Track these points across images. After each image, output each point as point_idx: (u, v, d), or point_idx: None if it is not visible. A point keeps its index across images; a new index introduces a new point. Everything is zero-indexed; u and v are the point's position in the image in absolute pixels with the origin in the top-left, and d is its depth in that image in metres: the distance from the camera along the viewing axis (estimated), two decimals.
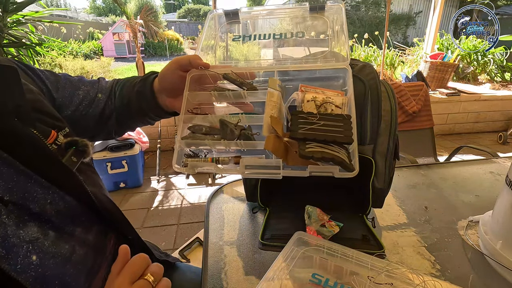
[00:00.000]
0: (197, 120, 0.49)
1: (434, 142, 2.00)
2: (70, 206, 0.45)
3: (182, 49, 12.35)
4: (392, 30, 12.36)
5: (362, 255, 0.50)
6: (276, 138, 0.43)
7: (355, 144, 0.41)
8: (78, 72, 3.56)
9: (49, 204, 0.42)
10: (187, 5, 26.93)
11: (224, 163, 0.49)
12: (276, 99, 0.47)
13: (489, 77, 4.82)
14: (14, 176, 0.40)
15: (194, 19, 22.65)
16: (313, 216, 0.67)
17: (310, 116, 0.44)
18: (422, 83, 2.07)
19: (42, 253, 0.38)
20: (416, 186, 0.97)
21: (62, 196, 0.44)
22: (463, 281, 0.58)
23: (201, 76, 0.53)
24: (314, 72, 0.55)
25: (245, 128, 0.49)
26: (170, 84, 0.57)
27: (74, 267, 0.42)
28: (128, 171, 2.49)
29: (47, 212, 0.41)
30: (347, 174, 0.37)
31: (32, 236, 0.38)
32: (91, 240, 0.47)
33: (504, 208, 0.60)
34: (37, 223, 0.40)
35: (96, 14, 22.94)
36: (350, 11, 12.73)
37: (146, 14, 3.97)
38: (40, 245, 0.39)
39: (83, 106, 0.63)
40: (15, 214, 0.38)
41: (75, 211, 0.46)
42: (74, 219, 0.46)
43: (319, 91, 0.50)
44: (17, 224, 0.37)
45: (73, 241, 0.44)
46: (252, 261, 0.64)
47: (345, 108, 0.47)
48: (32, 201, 0.40)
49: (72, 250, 0.43)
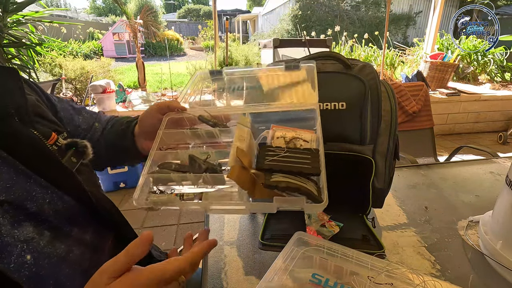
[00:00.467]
0: (167, 158, 0.48)
1: (434, 142, 2.00)
2: (68, 206, 0.45)
3: (182, 49, 12.34)
4: (392, 30, 12.36)
5: (362, 255, 0.50)
6: (241, 169, 0.42)
7: (324, 176, 0.40)
8: (78, 72, 3.55)
9: (47, 204, 0.42)
10: (187, 5, 26.94)
11: (189, 198, 0.47)
12: (246, 134, 0.48)
13: (489, 77, 4.82)
14: (13, 176, 0.40)
15: (194, 19, 22.65)
16: (313, 216, 0.67)
17: (277, 149, 0.45)
18: (422, 83, 2.07)
19: (37, 252, 0.39)
20: (416, 186, 0.97)
21: (61, 196, 0.45)
22: (463, 281, 0.58)
23: (179, 119, 0.55)
24: (287, 114, 0.56)
25: (215, 164, 0.48)
26: (149, 126, 0.59)
27: (69, 267, 0.42)
28: (128, 171, 2.49)
29: (44, 212, 0.42)
30: (316, 206, 0.36)
31: (27, 235, 0.38)
32: (88, 240, 0.47)
33: (504, 208, 0.60)
34: (33, 222, 0.40)
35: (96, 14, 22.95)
36: (350, 11, 12.73)
37: (146, 14, 3.96)
38: (35, 245, 0.39)
39: (82, 129, 0.67)
40: (10, 214, 0.38)
41: (73, 211, 0.46)
42: (72, 219, 0.46)
43: (290, 130, 0.51)
44: (12, 224, 0.37)
45: (70, 241, 0.44)
46: (252, 261, 0.64)
47: (313, 143, 0.47)
48: (30, 201, 0.40)
49: (68, 250, 0.43)
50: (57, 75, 3.60)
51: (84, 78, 3.57)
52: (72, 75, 3.51)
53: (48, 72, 3.82)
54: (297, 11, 11.96)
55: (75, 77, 3.53)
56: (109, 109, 3.09)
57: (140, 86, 3.92)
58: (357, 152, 0.67)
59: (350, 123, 0.64)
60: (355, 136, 0.65)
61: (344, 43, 5.42)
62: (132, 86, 5.35)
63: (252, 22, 18.30)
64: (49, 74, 3.80)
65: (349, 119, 0.64)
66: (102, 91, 2.99)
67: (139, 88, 3.97)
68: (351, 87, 0.64)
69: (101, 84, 2.98)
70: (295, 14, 11.87)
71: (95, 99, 3.11)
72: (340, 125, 0.65)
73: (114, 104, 3.18)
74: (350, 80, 0.65)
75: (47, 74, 3.76)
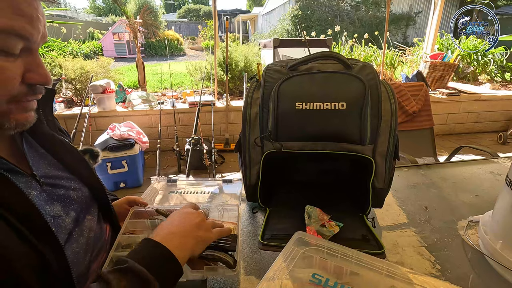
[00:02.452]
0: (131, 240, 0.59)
1: (434, 142, 2.00)
2: (85, 196, 0.55)
3: (182, 49, 12.32)
4: (392, 30, 12.35)
5: (362, 255, 0.50)
6: None
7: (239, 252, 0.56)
8: (78, 72, 3.54)
9: (72, 191, 0.52)
10: (187, 5, 26.92)
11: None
12: None
13: (489, 77, 4.82)
14: (48, 166, 0.51)
15: (194, 19, 22.65)
16: (313, 216, 0.67)
17: None
18: (422, 83, 2.07)
19: (60, 228, 0.46)
20: (416, 186, 0.97)
21: (81, 187, 0.55)
22: (463, 281, 0.58)
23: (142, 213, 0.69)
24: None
25: None
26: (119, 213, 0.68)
27: (80, 248, 0.49)
28: (128, 171, 2.49)
29: (70, 197, 0.51)
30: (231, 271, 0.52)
31: (56, 213, 0.47)
32: (95, 228, 0.54)
33: (504, 208, 0.60)
34: (62, 203, 0.49)
35: (96, 14, 22.93)
36: (350, 11, 12.72)
37: (145, 14, 3.96)
38: (60, 222, 0.47)
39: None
40: (46, 192, 0.47)
41: (87, 201, 0.55)
42: (86, 208, 0.54)
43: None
44: (46, 200, 0.46)
45: (83, 226, 0.52)
46: (252, 261, 0.64)
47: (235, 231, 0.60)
48: (60, 186, 0.51)
49: (81, 233, 0.50)
50: (57, 75, 3.60)
51: (84, 78, 3.56)
52: (72, 75, 3.51)
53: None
54: (297, 11, 11.96)
55: (75, 77, 3.52)
56: (109, 109, 3.09)
57: (140, 86, 3.92)
58: (357, 152, 0.67)
59: (350, 123, 0.64)
60: (355, 136, 0.65)
61: (344, 43, 5.42)
62: (132, 86, 5.35)
63: (252, 22, 18.31)
64: None
65: (349, 119, 0.64)
66: (102, 91, 2.99)
67: (139, 88, 3.97)
68: (351, 87, 0.64)
69: (101, 84, 2.98)
70: (295, 14, 11.86)
71: (95, 99, 3.11)
72: (340, 125, 0.65)
73: (114, 104, 3.18)
74: (350, 80, 0.65)
75: None
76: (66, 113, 3.06)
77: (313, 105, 0.63)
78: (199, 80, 4.38)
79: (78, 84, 3.58)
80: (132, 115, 3.13)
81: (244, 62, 3.88)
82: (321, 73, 0.66)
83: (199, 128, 2.83)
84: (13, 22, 0.36)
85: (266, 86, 0.68)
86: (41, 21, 0.40)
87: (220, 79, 3.78)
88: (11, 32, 0.36)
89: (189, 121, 3.26)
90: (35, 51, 0.41)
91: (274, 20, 13.41)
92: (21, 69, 0.39)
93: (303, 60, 0.69)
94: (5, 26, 0.35)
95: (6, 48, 0.36)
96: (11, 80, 0.38)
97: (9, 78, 0.38)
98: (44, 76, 0.42)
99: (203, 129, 3.10)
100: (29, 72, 0.40)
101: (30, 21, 0.38)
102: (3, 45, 0.36)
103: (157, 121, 3.08)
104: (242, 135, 0.72)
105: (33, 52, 0.41)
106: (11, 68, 0.38)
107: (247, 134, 0.71)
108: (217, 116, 3.26)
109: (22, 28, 0.37)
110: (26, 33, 0.38)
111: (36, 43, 0.40)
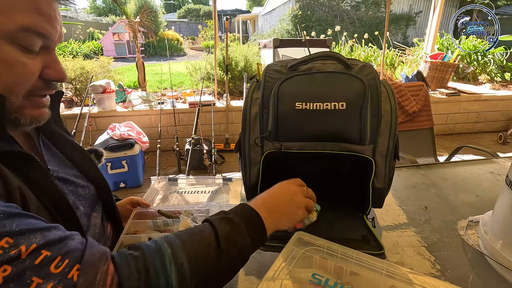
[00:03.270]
0: (133, 240, 0.61)
1: (434, 142, 2.00)
2: (92, 194, 0.58)
3: (182, 49, 12.31)
4: (392, 30, 12.35)
5: (362, 255, 0.50)
6: None
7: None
8: (78, 72, 3.54)
9: (81, 187, 0.55)
10: (187, 5, 26.92)
11: None
12: (189, 223, 0.68)
13: (489, 77, 4.82)
14: (58, 163, 0.54)
15: (194, 19, 22.64)
16: None
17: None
18: (422, 83, 2.07)
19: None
20: (416, 186, 0.97)
21: (88, 185, 0.58)
22: (463, 281, 0.58)
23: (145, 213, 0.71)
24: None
25: None
26: (120, 214, 0.70)
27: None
28: (128, 171, 2.49)
29: (79, 193, 0.54)
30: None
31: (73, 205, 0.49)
32: (99, 225, 0.57)
33: (504, 208, 0.60)
34: (73, 198, 0.51)
35: (96, 14, 22.93)
36: (350, 11, 12.72)
37: (145, 14, 3.96)
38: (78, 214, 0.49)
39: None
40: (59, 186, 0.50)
41: (93, 198, 0.58)
42: (93, 205, 0.57)
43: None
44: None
45: (90, 222, 0.54)
46: (252, 261, 0.64)
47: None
48: (69, 182, 0.53)
49: (88, 229, 0.53)
50: None
51: (84, 78, 3.56)
52: (72, 75, 3.51)
53: None
54: (297, 11, 11.95)
55: (75, 77, 3.52)
56: (109, 109, 3.09)
57: (140, 86, 3.92)
58: (357, 152, 0.66)
59: (350, 123, 0.64)
60: (355, 136, 0.65)
61: (344, 43, 5.42)
62: (132, 86, 5.35)
63: (252, 22, 18.30)
64: None
65: (349, 119, 0.64)
66: (102, 91, 2.99)
67: (139, 88, 3.97)
68: (351, 87, 0.64)
69: (101, 84, 2.98)
70: (295, 14, 11.86)
71: (95, 99, 3.11)
72: (340, 125, 0.65)
73: (114, 104, 3.18)
74: (350, 80, 0.65)
75: None
76: (66, 113, 3.06)
77: (313, 105, 0.63)
78: (199, 80, 4.38)
79: (78, 84, 3.58)
80: (132, 115, 3.13)
81: (244, 62, 3.88)
82: (321, 73, 0.66)
83: (199, 128, 2.83)
84: (34, 21, 0.38)
85: (266, 86, 0.68)
86: (59, 21, 0.43)
87: (220, 79, 3.78)
88: (33, 30, 0.39)
89: (189, 121, 3.26)
90: (52, 49, 0.44)
91: (274, 20, 13.41)
92: (40, 65, 0.42)
93: (303, 60, 0.69)
94: (27, 24, 0.38)
95: (27, 45, 0.39)
96: (31, 75, 0.41)
97: (29, 73, 0.41)
98: (60, 72, 0.45)
99: (203, 129, 3.10)
100: (47, 69, 0.43)
101: (49, 21, 0.40)
102: (25, 42, 0.39)
103: (157, 121, 3.08)
104: (242, 135, 0.72)
105: (51, 50, 0.44)
106: (31, 63, 0.41)
107: (247, 134, 0.71)
108: (217, 116, 3.26)
109: (42, 27, 0.39)
110: (46, 31, 0.40)
111: (53, 42, 0.43)
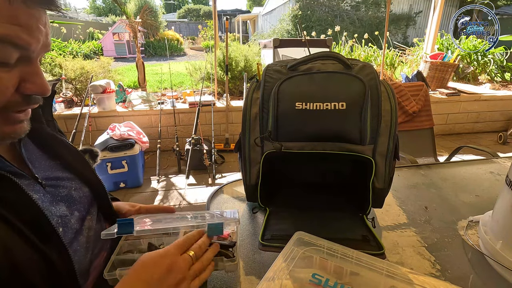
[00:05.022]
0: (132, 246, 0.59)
1: (434, 142, 2.00)
2: (86, 196, 0.56)
3: (182, 49, 12.31)
4: (392, 30, 12.35)
5: (362, 255, 0.50)
6: None
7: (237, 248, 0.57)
8: (78, 72, 3.54)
9: (74, 191, 0.54)
10: (187, 5, 26.94)
11: None
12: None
13: (489, 77, 4.82)
14: (49, 167, 0.52)
15: (194, 19, 22.64)
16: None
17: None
18: (422, 83, 2.07)
19: (67, 227, 0.48)
20: (416, 186, 0.97)
21: (82, 187, 0.56)
22: (463, 281, 0.58)
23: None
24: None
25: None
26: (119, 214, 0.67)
27: (81, 246, 0.51)
28: (128, 171, 2.49)
29: (72, 197, 0.53)
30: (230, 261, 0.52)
31: (62, 213, 0.49)
32: (94, 227, 0.56)
33: (504, 208, 0.60)
34: (66, 203, 0.51)
35: (96, 14, 22.94)
36: (350, 11, 12.72)
37: (145, 14, 3.96)
38: (66, 221, 0.49)
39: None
40: (50, 194, 0.49)
41: (88, 200, 0.57)
42: (87, 208, 0.56)
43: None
44: (50, 202, 0.48)
45: (84, 225, 0.53)
46: (252, 261, 0.64)
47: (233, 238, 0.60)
48: (61, 187, 0.52)
49: (81, 232, 0.52)
50: (57, 75, 3.60)
51: (84, 78, 3.56)
52: (72, 75, 3.51)
53: (48, 72, 3.81)
54: (297, 11, 11.95)
55: (75, 77, 3.52)
56: (109, 109, 3.09)
57: (140, 86, 3.92)
58: (357, 152, 0.67)
59: (350, 123, 0.64)
60: (355, 136, 0.65)
61: (344, 43, 5.42)
62: (132, 86, 5.35)
63: (252, 22, 18.30)
64: (49, 74, 3.79)
65: (349, 119, 0.64)
66: (102, 91, 2.99)
67: (139, 88, 3.97)
68: (351, 87, 0.64)
69: (101, 84, 2.98)
70: (295, 14, 11.86)
71: (95, 99, 3.11)
72: (340, 125, 0.65)
73: (114, 104, 3.18)
74: (350, 80, 0.65)
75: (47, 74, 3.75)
76: (66, 113, 3.06)
77: (313, 105, 0.63)
78: (199, 80, 4.38)
79: (78, 84, 3.58)
80: (132, 115, 3.13)
81: (244, 62, 3.88)
82: (321, 73, 0.66)
83: (199, 128, 2.83)
84: (7, 31, 0.35)
85: (266, 86, 0.68)
86: (42, 31, 0.39)
87: (220, 79, 3.78)
88: (5, 40, 0.35)
89: (189, 121, 3.26)
90: (33, 60, 0.40)
91: (274, 20, 13.41)
92: (16, 79, 0.39)
93: (303, 60, 0.69)
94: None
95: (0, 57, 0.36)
96: (4, 90, 0.37)
97: (2, 87, 0.37)
98: (40, 86, 0.41)
99: (203, 129, 3.10)
100: (25, 82, 0.39)
101: (28, 31, 0.37)
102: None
103: (157, 121, 3.08)
104: (242, 135, 0.72)
105: (32, 61, 0.40)
106: (5, 77, 0.37)
107: (247, 134, 0.71)
108: (217, 116, 3.26)
109: (17, 37, 0.36)
110: (22, 42, 0.37)
111: (35, 53, 0.39)
